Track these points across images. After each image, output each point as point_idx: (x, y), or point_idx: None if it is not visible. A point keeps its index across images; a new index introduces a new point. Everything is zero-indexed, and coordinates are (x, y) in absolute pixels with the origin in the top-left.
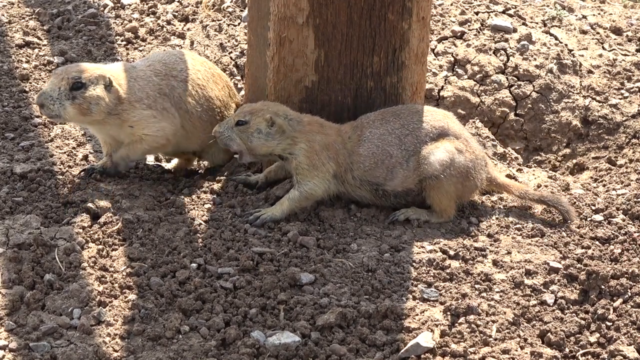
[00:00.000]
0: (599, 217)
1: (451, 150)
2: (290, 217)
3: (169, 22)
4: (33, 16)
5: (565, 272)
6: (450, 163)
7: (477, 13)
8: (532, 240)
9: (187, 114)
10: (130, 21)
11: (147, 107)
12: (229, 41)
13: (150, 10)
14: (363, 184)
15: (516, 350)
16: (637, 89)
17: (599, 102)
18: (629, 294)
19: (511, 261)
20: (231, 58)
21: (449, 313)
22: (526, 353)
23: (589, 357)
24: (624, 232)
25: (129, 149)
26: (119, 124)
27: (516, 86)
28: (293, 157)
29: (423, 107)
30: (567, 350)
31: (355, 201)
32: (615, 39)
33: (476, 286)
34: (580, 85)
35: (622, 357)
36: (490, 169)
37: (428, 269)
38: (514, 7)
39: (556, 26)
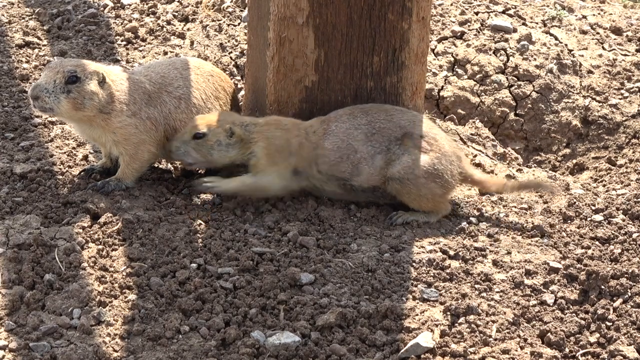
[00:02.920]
0: (599, 217)
1: (414, 152)
2: (290, 217)
3: (169, 22)
4: (33, 16)
5: (565, 272)
6: (413, 165)
7: (477, 13)
8: (532, 240)
9: (175, 132)
10: (130, 21)
11: (132, 115)
12: (229, 41)
13: (150, 10)
14: (330, 178)
15: (516, 350)
16: (637, 89)
17: (599, 102)
18: (629, 294)
19: (511, 261)
20: (231, 58)
21: (449, 313)
22: (526, 353)
23: (589, 357)
24: (624, 232)
25: (124, 172)
26: (103, 126)
27: (516, 86)
28: (253, 156)
29: (392, 106)
30: (567, 350)
31: (328, 197)
32: (615, 39)
33: (476, 286)
34: (580, 85)
35: (622, 357)
36: (465, 166)
37: (428, 269)
38: (514, 7)
39: (556, 26)
